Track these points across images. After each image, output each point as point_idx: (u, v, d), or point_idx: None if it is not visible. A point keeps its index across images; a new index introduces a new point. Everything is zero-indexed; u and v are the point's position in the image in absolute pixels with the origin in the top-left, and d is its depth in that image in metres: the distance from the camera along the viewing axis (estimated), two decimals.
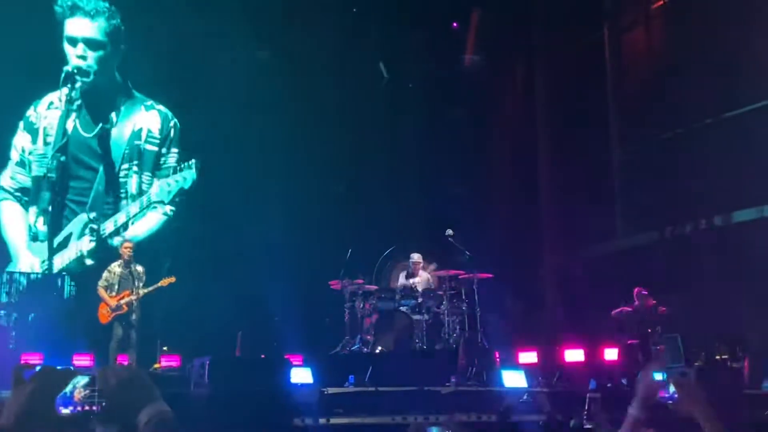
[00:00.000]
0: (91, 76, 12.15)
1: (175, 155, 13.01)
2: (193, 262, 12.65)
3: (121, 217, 12.39)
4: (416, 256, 11.82)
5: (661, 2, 13.72)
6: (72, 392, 1.89)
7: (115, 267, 10.67)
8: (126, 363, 9.67)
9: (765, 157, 11.37)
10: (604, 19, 14.67)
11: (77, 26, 12.35)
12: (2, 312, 11.28)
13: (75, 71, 12.01)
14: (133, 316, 10.45)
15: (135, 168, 12.66)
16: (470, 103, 15.36)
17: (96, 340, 10.47)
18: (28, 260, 12.05)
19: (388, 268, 12.27)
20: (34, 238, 12.10)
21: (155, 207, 12.63)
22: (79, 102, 12.12)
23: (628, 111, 14.15)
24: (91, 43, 12.36)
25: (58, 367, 2.00)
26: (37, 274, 11.89)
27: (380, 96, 15.32)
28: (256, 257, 12.66)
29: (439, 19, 15.34)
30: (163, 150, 12.95)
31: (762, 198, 11.55)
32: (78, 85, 12.03)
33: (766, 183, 11.40)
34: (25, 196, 12.12)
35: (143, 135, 12.77)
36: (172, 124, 13.04)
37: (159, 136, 12.88)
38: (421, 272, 11.76)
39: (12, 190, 12.08)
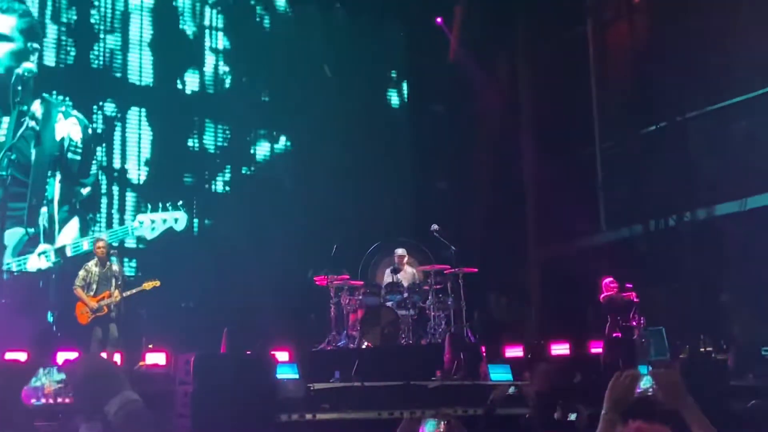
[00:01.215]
0: (16, 75, 11.80)
1: (96, 163, 12.88)
2: (178, 259, 12.58)
3: (84, 243, 12.12)
4: (401, 251, 11.82)
5: None
6: (42, 386, 1.88)
7: (92, 266, 10.36)
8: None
9: (747, 150, 11.44)
10: (587, 14, 14.70)
11: None
12: None
13: (23, 74, 11.76)
14: (113, 316, 10.28)
15: (59, 176, 12.40)
16: (454, 98, 15.38)
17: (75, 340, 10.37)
18: None
19: (374, 263, 12.25)
20: None
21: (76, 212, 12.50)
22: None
23: (612, 105, 14.21)
24: (2, 38, 12.12)
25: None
26: None
27: (363, 91, 15.31)
28: (241, 253, 12.62)
29: (422, 15, 15.35)
30: (86, 158, 12.76)
31: (744, 191, 11.62)
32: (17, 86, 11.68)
33: (748, 176, 11.47)
34: None
35: (66, 144, 12.54)
36: (90, 131, 12.88)
37: (81, 145, 12.71)
38: (406, 267, 11.76)
39: None
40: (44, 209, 12.22)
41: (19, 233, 11.82)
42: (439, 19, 15.43)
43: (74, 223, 12.46)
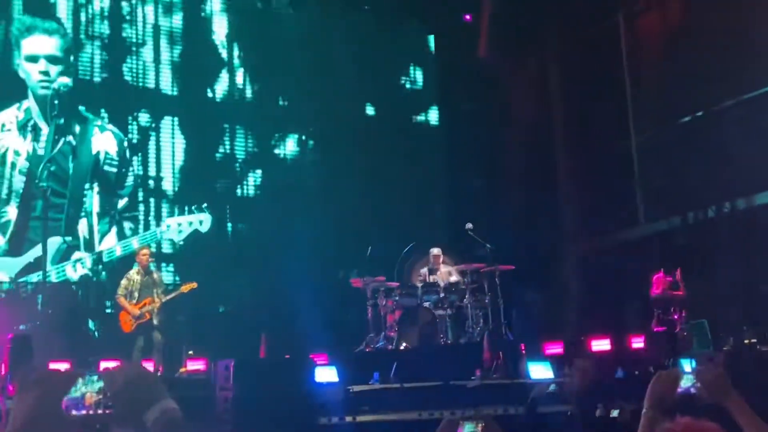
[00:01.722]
0: (54, 94, 12.11)
1: (132, 174, 13.13)
2: (215, 265, 12.69)
3: (117, 249, 12.42)
4: (436, 251, 11.77)
5: None
6: (83, 396, 1.88)
7: (134, 274, 10.63)
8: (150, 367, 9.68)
9: None
10: (619, 4, 14.53)
11: (36, 44, 12.42)
12: None
13: (48, 89, 12.05)
14: (155, 322, 10.46)
15: (96, 188, 12.68)
16: (485, 95, 15.30)
17: (117, 349, 10.50)
18: None
19: (409, 264, 12.21)
20: None
21: (121, 222, 12.71)
22: (33, 122, 12.18)
23: (646, 96, 14.01)
24: (52, 59, 12.46)
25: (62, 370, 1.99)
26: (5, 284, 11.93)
27: (391, 91, 15.33)
28: (276, 257, 12.68)
29: (451, 12, 15.31)
30: (122, 170, 13.03)
31: None
32: (43, 105, 12.01)
33: None
34: None
35: (102, 157, 12.80)
36: (126, 144, 13.15)
37: (117, 158, 12.97)
38: (442, 267, 11.72)
39: None
40: (83, 221, 12.48)
41: (57, 242, 12.06)
42: (467, 16, 15.37)
43: (113, 233, 12.68)
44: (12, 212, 12.03)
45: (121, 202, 12.92)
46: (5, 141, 12.19)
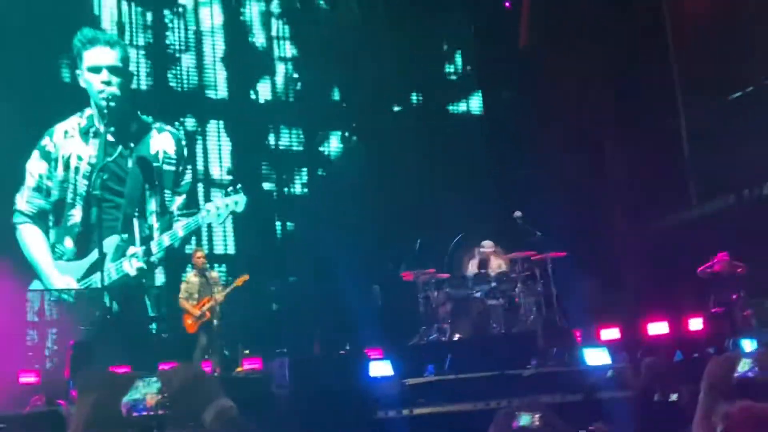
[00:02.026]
0: (115, 102, 12.63)
1: (190, 171, 13.46)
2: (268, 263, 12.83)
3: (165, 238, 12.77)
4: (488, 244, 11.64)
5: None
6: (143, 397, 1.91)
7: (192, 277, 10.86)
8: (209, 368, 9.83)
9: None
10: None
11: (99, 55, 12.84)
12: (33, 331, 11.68)
13: (109, 98, 12.44)
14: (215, 322, 10.64)
15: (157, 188, 13.04)
16: (529, 83, 15.16)
17: (177, 350, 10.69)
18: (60, 278, 12.39)
19: (459, 255, 12.16)
20: (59, 257, 12.47)
21: (178, 220, 13.07)
22: (95, 129, 12.59)
23: (694, 73, 13.74)
24: (113, 70, 12.86)
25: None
26: (73, 291, 12.28)
27: (440, 82, 15.30)
28: (327, 254, 12.74)
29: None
30: (180, 169, 13.35)
31: None
32: (105, 112, 12.47)
33: None
34: (43, 219, 12.48)
35: (160, 156, 13.18)
36: (184, 143, 13.50)
37: (175, 157, 13.32)
38: (492, 257, 11.62)
39: (30, 214, 12.43)
40: (143, 219, 12.84)
41: (115, 241, 12.51)
42: (507, 4, 15.25)
43: (177, 227, 13.03)
44: (77, 215, 12.51)
45: (179, 200, 13.25)
46: (69, 147, 12.68)
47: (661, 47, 14.16)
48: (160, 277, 12.95)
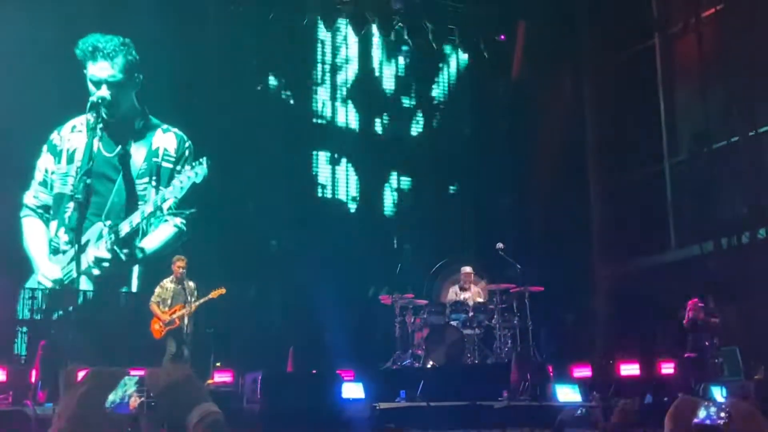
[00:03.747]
0: (112, 108, 12.62)
1: (188, 172, 13.18)
2: (244, 278, 12.77)
3: (135, 217, 12.76)
4: (467, 269, 11.76)
5: (713, 9, 13.50)
6: (127, 399, 1.91)
7: (168, 283, 10.79)
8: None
9: None
10: (654, 27, 14.47)
11: (99, 70, 12.84)
12: (25, 329, 11.59)
13: (99, 101, 12.39)
14: (186, 331, 10.56)
15: (153, 183, 13.04)
16: (519, 115, 15.31)
17: (147, 354, 10.62)
18: (48, 270, 12.32)
19: (439, 282, 12.21)
20: (55, 251, 12.42)
21: (166, 220, 12.94)
22: (101, 126, 12.46)
23: (681, 119, 13.93)
24: (111, 84, 12.87)
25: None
26: (53, 288, 12.18)
27: (428, 110, 15.39)
28: (307, 272, 12.73)
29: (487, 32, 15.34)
30: (178, 167, 13.28)
31: None
32: (102, 112, 12.40)
33: None
34: (47, 213, 12.51)
35: (160, 153, 13.19)
36: (187, 144, 13.44)
37: (175, 155, 13.28)
38: (471, 286, 11.70)
39: (35, 207, 12.48)
40: (137, 213, 12.82)
41: (98, 228, 12.49)
42: (502, 36, 15.39)
43: (164, 228, 12.99)
44: (73, 208, 12.41)
45: (171, 199, 13.11)
46: (75, 142, 12.71)
47: (651, 91, 14.35)
48: (135, 283, 12.84)
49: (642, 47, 14.68)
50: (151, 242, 12.88)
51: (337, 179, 14.49)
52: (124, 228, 12.68)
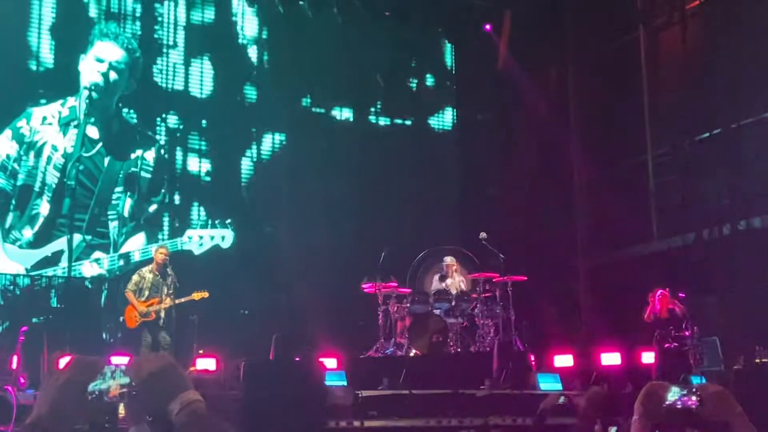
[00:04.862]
0: (99, 96, 12.27)
1: (166, 182, 13.30)
2: (228, 265, 12.74)
3: (136, 255, 12.60)
4: (449, 259, 11.79)
5: (697, 2, 13.56)
6: (108, 390, 1.90)
7: (146, 272, 10.64)
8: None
9: None
10: (639, 20, 14.51)
11: (110, 49, 12.79)
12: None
13: (92, 87, 12.19)
14: (161, 323, 10.47)
15: (129, 192, 12.82)
16: (503, 105, 15.33)
17: (124, 344, 10.59)
18: (8, 263, 12.09)
19: (422, 271, 12.22)
20: (13, 242, 12.16)
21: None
22: (76, 121, 12.27)
23: (664, 111, 13.99)
24: (115, 68, 12.77)
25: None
26: (27, 279, 12.07)
27: (411, 99, 15.38)
28: (290, 260, 12.72)
29: (470, 23, 15.33)
30: (157, 176, 13.18)
31: None
32: (87, 102, 12.22)
33: None
34: (1, 198, 12.15)
35: (138, 162, 12.97)
36: (163, 152, 13.31)
37: (153, 165, 13.11)
38: (454, 275, 11.73)
39: None
40: (114, 223, 12.66)
41: (77, 240, 12.17)
42: (488, 26, 15.39)
43: (140, 237, 12.80)
44: (44, 207, 12.21)
45: (152, 208, 13.06)
46: (45, 135, 12.42)
47: (635, 83, 14.40)
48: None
49: (626, 39, 14.72)
50: (132, 247, 12.71)
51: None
52: (136, 256, 12.42)
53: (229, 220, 12.24)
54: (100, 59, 12.68)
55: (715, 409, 2.73)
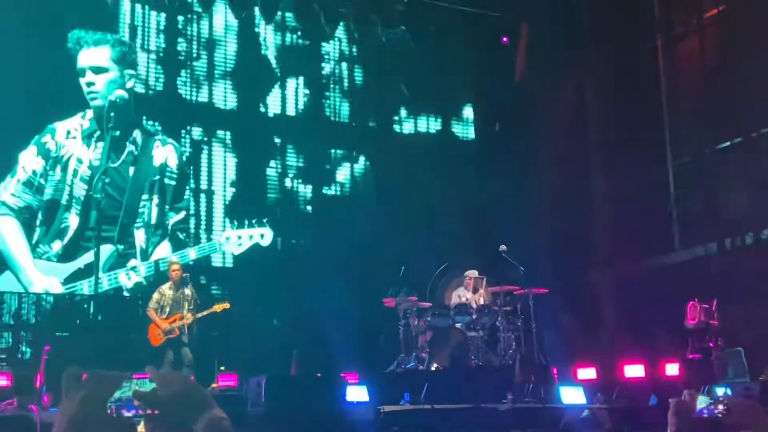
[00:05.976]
0: (100, 100, 12.24)
1: (190, 188, 13.32)
2: (248, 281, 12.77)
3: (139, 239, 12.61)
4: (470, 272, 11.76)
5: (715, 11, 13.50)
6: (131, 403, 1.89)
7: (166, 289, 10.69)
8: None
9: None
10: (657, 29, 14.47)
11: (84, 57, 12.67)
12: (8, 334, 11.51)
13: (95, 98, 12.23)
14: (185, 339, 10.51)
15: (156, 200, 12.85)
16: (520, 118, 15.30)
17: (148, 361, 10.59)
18: (42, 278, 12.08)
19: (442, 284, 12.20)
20: (40, 256, 12.16)
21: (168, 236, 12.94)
22: (98, 133, 12.32)
23: (684, 120, 13.92)
24: (96, 70, 12.64)
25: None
26: (52, 295, 12.04)
27: (430, 110, 15.43)
28: (311, 275, 12.73)
29: (488, 35, 15.35)
30: (181, 183, 13.19)
31: None
32: (102, 113, 12.20)
33: None
34: (27, 215, 12.16)
35: (163, 170, 13.00)
36: (185, 158, 13.35)
37: (177, 171, 13.14)
38: (475, 288, 11.69)
39: (16, 207, 12.13)
40: (140, 231, 12.69)
41: (109, 250, 12.27)
42: (505, 39, 15.40)
43: (166, 244, 12.86)
44: (73, 220, 12.25)
45: (178, 216, 13.07)
46: (70, 148, 12.48)
47: (654, 93, 14.34)
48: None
49: (644, 49, 14.67)
50: (161, 254, 12.76)
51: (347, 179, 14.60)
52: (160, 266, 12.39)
53: (265, 219, 12.28)
54: (81, 70, 12.58)
55: (742, 420, 2.70)
